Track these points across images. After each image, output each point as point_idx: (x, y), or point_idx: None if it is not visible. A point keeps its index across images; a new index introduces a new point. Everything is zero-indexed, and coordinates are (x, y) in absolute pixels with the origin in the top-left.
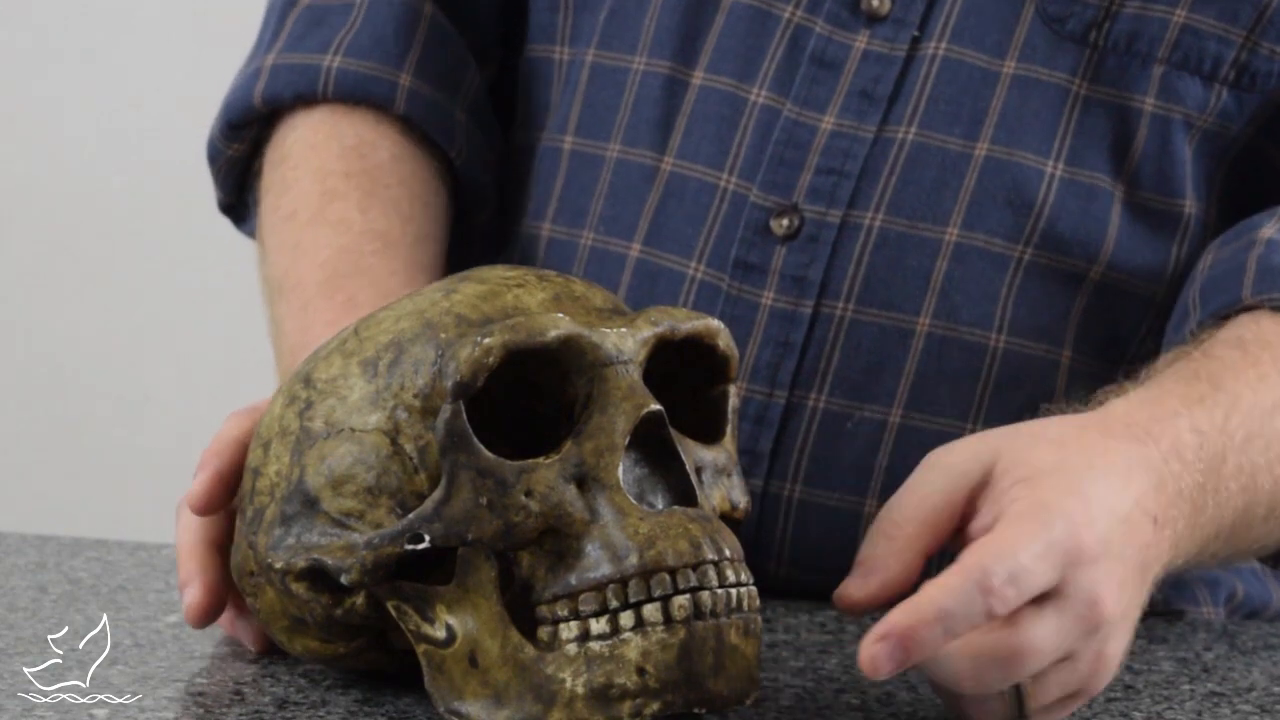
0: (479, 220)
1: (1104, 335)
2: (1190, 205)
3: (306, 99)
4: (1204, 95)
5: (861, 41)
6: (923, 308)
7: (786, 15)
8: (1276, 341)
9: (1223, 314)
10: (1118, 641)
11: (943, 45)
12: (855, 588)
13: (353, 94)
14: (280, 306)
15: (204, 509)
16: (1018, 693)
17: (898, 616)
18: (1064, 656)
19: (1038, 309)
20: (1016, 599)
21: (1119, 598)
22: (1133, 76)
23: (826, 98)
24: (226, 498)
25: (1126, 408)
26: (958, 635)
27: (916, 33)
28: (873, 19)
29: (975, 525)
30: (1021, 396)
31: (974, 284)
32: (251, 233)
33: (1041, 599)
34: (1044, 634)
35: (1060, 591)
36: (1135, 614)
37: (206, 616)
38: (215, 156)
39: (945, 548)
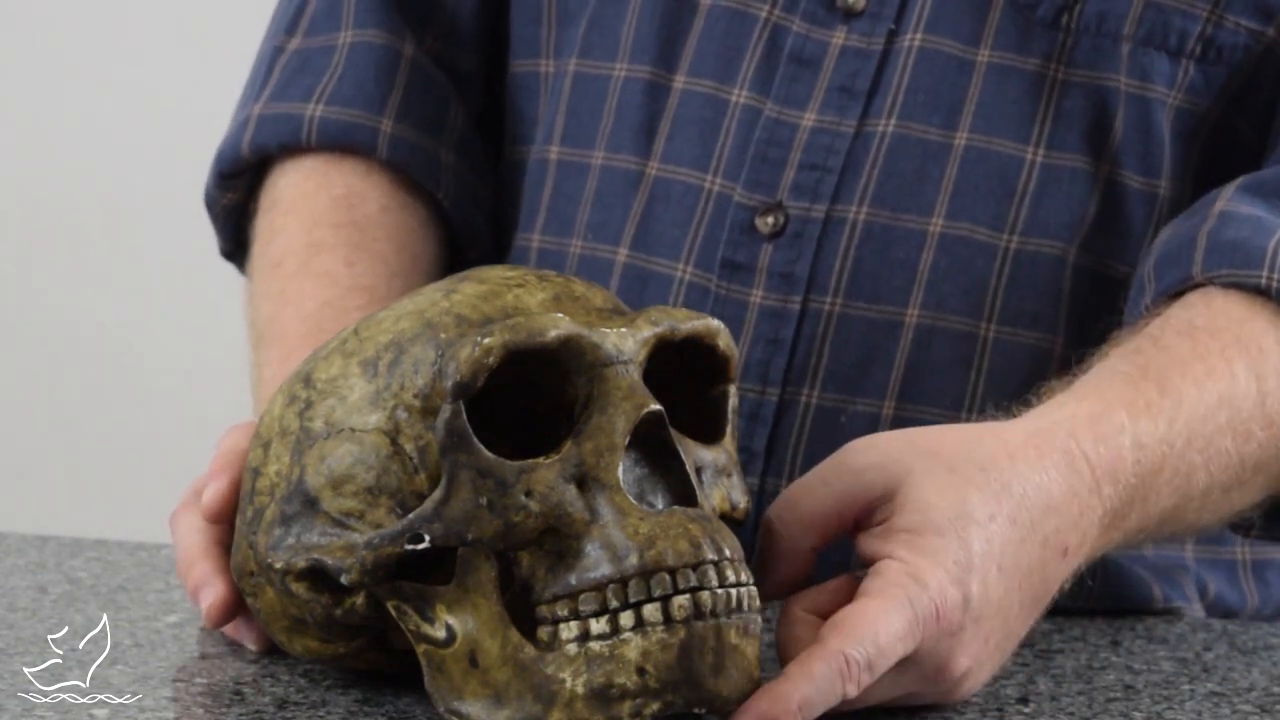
0: (473, 257)
1: (1093, 319)
2: (1165, 186)
3: (291, 148)
4: (1172, 71)
5: (839, 38)
6: (910, 299)
7: (764, 15)
8: (1225, 326)
9: (1174, 291)
10: (976, 677)
11: (918, 37)
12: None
13: (335, 142)
14: (262, 353)
15: (218, 517)
16: None
17: (764, 705)
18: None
19: (1027, 296)
20: (870, 681)
21: (977, 653)
22: (1106, 57)
23: (806, 95)
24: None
25: (1073, 426)
26: (816, 715)
27: (893, 26)
28: (849, 14)
29: (864, 540)
30: (1015, 384)
31: (961, 274)
32: None
33: None
34: (880, 691)
35: (910, 658)
36: (1012, 642)
37: (228, 615)
38: (211, 205)
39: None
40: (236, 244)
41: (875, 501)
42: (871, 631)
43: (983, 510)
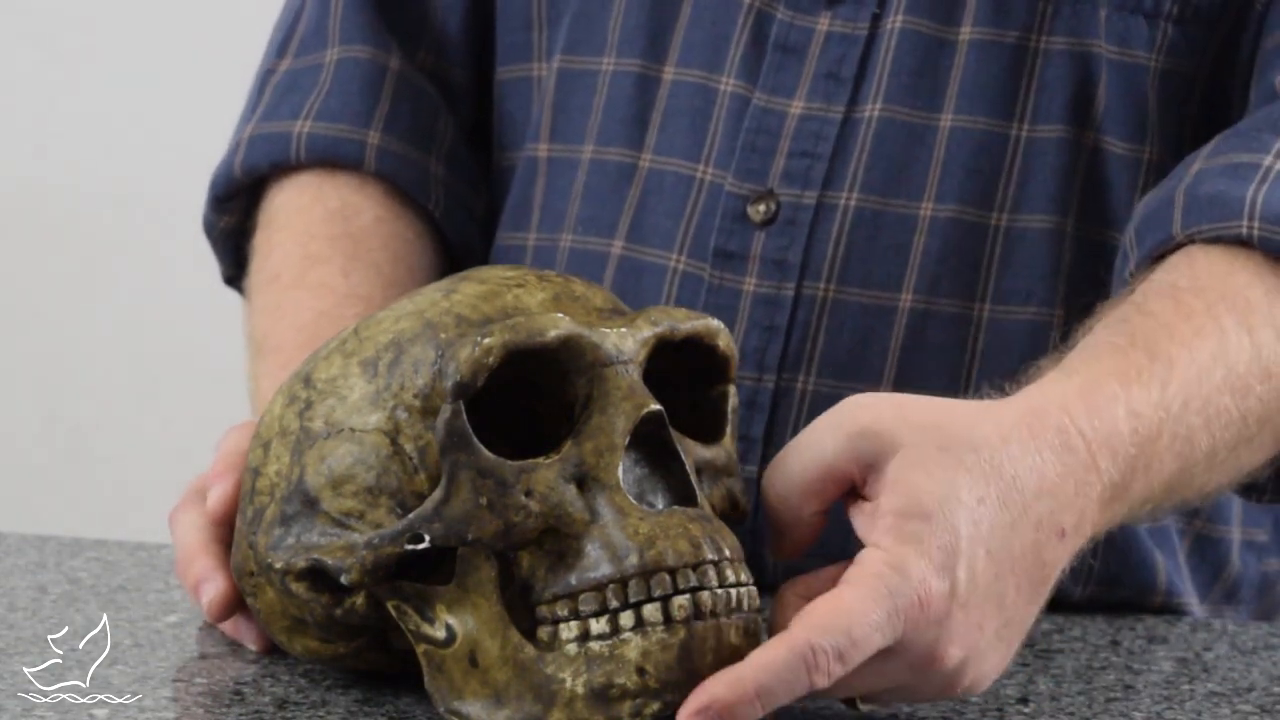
0: (468, 267)
1: (1092, 288)
2: (1151, 151)
3: (282, 167)
4: (1151, 34)
5: (823, 24)
6: (904, 283)
7: (748, 2)
8: (1209, 285)
9: (1157, 254)
10: (977, 668)
11: (900, 19)
12: (773, 551)
13: (324, 157)
14: (260, 365)
15: (225, 520)
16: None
17: (719, 690)
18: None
19: (1021, 273)
20: (842, 672)
21: (972, 642)
22: (1085, 23)
23: (793, 83)
24: None
25: (1065, 399)
26: (779, 705)
27: (876, 10)
28: (833, 0)
29: (854, 517)
30: (1013, 362)
31: (954, 256)
32: None
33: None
34: (866, 681)
35: (894, 649)
36: (1017, 630)
37: (230, 610)
38: (210, 230)
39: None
40: (238, 267)
41: (865, 470)
42: (844, 622)
43: (971, 493)
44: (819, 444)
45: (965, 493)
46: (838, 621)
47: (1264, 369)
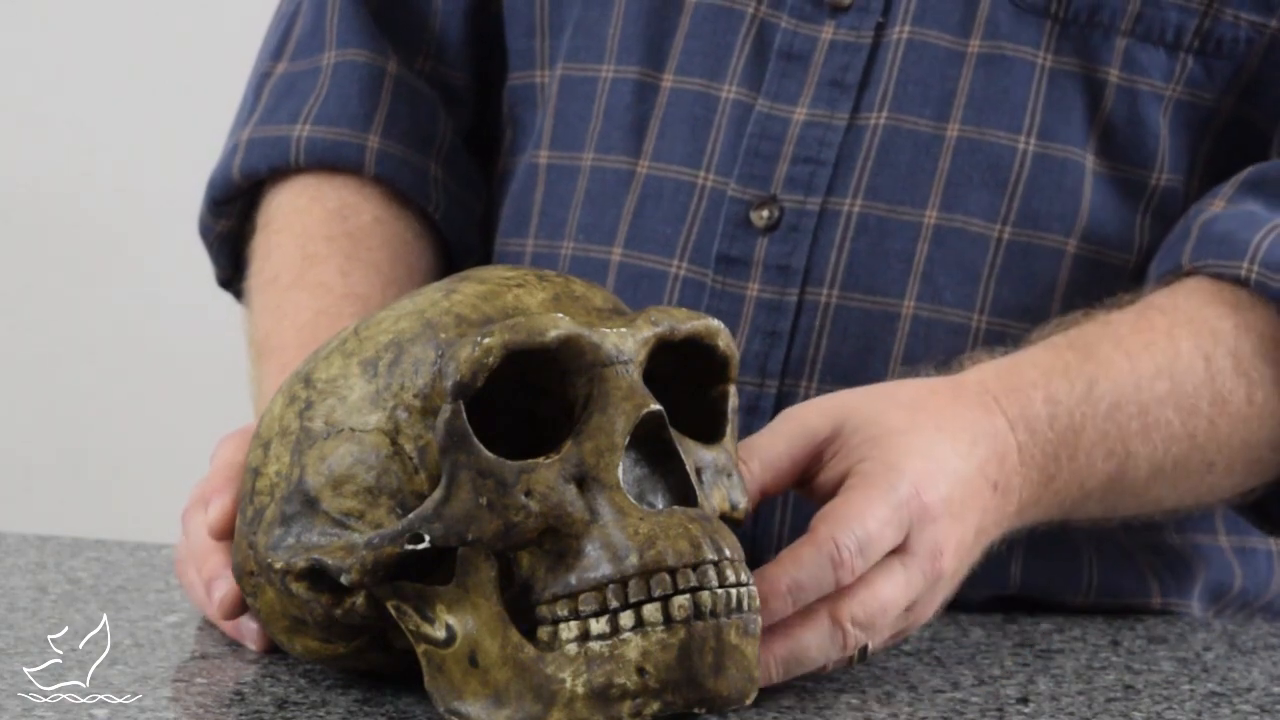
0: (468, 268)
1: (1087, 308)
2: (1161, 176)
3: (280, 170)
4: (1169, 65)
5: (827, 32)
6: (906, 291)
7: (750, 11)
8: (1184, 306)
9: (1165, 281)
10: (945, 594)
11: (907, 29)
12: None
13: (323, 161)
14: (261, 367)
15: (225, 535)
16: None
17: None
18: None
19: (1020, 287)
20: (864, 567)
21: (956, 553)
22: (1095, 47)
23: (797, 90)
24: None
25: (982, 376)
26: (806, 603)
27: (881, 19)
28: (836, 9)
29: (822, 477)
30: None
31: (956, 265)
32: None
33: (888, 555)
34: (896, 589)
35: (906, 548)
36: (964, 572)
37: (239, 609)
38: (206, 233)
39: (791, 490)
40: (235, 270)
41: (822, 444)
42: (859, 517)
43: (927, 424)
44: (777, 431)
45: (924, 421)
46: (853, 517)
47: (1216, 393)
